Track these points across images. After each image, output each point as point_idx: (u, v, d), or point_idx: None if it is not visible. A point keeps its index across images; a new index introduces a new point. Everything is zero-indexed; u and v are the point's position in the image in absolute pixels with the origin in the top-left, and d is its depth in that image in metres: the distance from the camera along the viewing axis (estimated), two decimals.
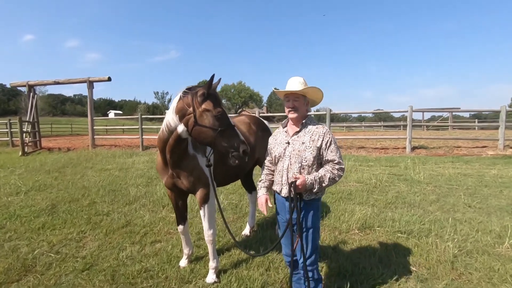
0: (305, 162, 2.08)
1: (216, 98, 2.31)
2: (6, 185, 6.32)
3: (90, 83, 12.97)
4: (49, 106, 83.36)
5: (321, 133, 2.11)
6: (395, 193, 5.49)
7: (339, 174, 2.06)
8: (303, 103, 2.18)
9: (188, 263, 3.03)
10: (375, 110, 16.26)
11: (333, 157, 2.07)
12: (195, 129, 2.27)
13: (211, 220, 2.74)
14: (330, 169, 2.05)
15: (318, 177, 2.02)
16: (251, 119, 3.75)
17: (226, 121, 2.27)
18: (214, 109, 2.24)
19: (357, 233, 3.81)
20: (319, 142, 2.09)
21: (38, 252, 3.31)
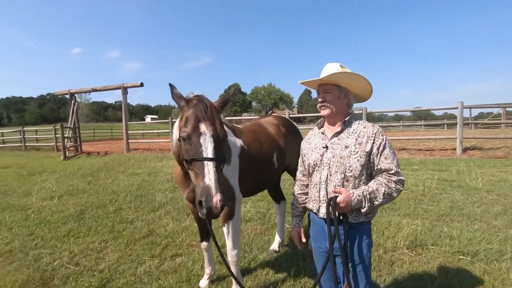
0: (350, 172, 1.59)
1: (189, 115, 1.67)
2: (42, 190, 6.54)
3: (124, 89, 13.42)
4: (93, 112, 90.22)
5: (371, 134, 1.60)
6: (448, 202, 4.71)
7: (397, 189, 1.54)
8: (338, 95, 1.69)
9: (208, 284, 2.70)
10: (416, 108, 14.89)
11: (389, 165, 1.56)
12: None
13: (235, 238, 2.39)
14: (384, 181, 1.55)
15: (368, 192, 1.52)
16: (280, 120, 3.33)
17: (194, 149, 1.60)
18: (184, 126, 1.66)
19: (407, 252, 3.21)
20: (368, 145, 1.59)
21: (58, 264, 3.19)
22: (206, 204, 1.47)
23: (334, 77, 1.63)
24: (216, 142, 1.62)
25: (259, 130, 2.93)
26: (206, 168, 1.54)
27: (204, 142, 1.60)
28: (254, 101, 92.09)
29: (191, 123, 1.63)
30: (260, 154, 2.67)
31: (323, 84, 1.70)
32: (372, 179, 1.62)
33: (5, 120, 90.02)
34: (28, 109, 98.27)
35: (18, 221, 4.63)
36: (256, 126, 3.00)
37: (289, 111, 44.29)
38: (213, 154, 1.58)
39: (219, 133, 1.66)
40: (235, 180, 2.35)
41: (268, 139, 2.88)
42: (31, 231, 4.16)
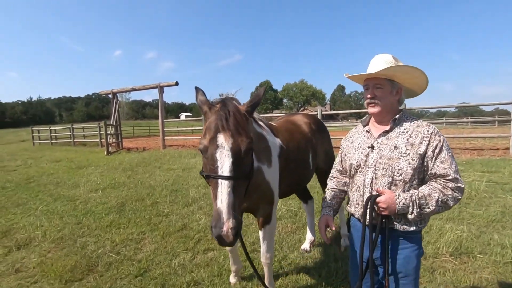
0: (399, 175, 1.44)
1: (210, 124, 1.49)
2: (88, 182, 7.09)
3: (161, 88, 14.02)
4: (133, 111, 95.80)
5: (425, 134, 1.44)
6: (500, 207, 4.29)
7: (454, 197, 1.37)
8: (390, 91, 1.53)
9: (238, 280, 2.73)
10: (461, 103, 13.72)
11: (446, 170, 1.38)
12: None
13: (271, 242, 2.34)
14: (439, 187, 1.37)
15: (419, 197, 1.37)
16: (311, 118, 3.25)
17: (209, 164, 1.44)
18: (202, 136, 1.50)
19: (450, 260, 2.98)
20: (422, 147, 1.42)
21: (101, 252, 3.44)
22: (216, 232, 1.28)
23: (392, 71, 1.48)
24: (235, 156, 1.41)
25: (294, 128, 2.83)
26: (220, 188, 1.34)
27: (221, 156, 1.40)
28: (285, 98, 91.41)
29: (209, 134, 1.45)
30: (297, 154, 2.57)
31: (373, 78, 1.55)
32: (423, 184, 1.46)
33: (57, 118, 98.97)
34: (76, 108, 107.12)
35: (68, 210, 5.07)
36: (291, 125, 2.88)
37: (321, 108, 43.37)
38: (230, 171, 1.37)
39: (241, 145, 1.43)
40: (275, 183, 2.22)
41: (303, 138, 2.79)
42: (78, 220, 4.53)
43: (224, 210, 1.29)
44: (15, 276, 3.02)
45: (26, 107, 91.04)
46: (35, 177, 8.17)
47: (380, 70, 1.48)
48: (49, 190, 6.64)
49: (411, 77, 1.54)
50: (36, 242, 3.80)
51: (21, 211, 5.14)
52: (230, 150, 1.40)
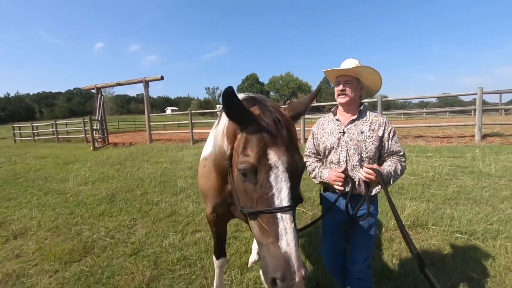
0: (366, 153, 1.85)
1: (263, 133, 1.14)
2: (78, 176, 7.25)
3: (146, 82, 14.04)
4: (117, 105, 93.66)
5: (381, 122, 1.91)
6: (457, 187, 4.82)
7: (405, 166, 1.90)
8: (356, 87, 1.94)
9: None
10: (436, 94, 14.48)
11: (398, 148, 1.91)
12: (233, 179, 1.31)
13: None
14: (397, 161, 1.88)
15: (393, 170, 1.82)
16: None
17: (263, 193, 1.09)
18: (240, 153, 1.17)
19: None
20: (380, 131, 1.89)
21: (96, 237, 3.72)
22: (285, 284, 0.97)
23: (360, 70, 1.90)
24: (293, 179, 1.13)
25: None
26: (282, 224, 1.04)
27: (277, 181, 1.09)
28: (272, 90, 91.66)
29: (256, 149, 1.11)
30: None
31: (344, 75, 1.94)
32: (379, 160, 1.93)
33: (38, 115, 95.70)
34: (57, 104, 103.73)
35: (60, 203, 5.27)
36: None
37: None
38: (290, 200, 1.08)
39: (298, 164, 1.16)
40: None
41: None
42: (71, 211, 4.76)
43: (293, 255, 0.99)
44: (16, 260, 3.27)
45: (3, 104, 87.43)
46: (22, 173, 8.22)
47: (353, 67, 1.90)
48: (38, 185, 6.77)
49: (372, 79, 1.97)
50: (32, 232, 4.02)
51: (12, 205, 5.30)
52: (287, 171, 1.10)
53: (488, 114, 25.34)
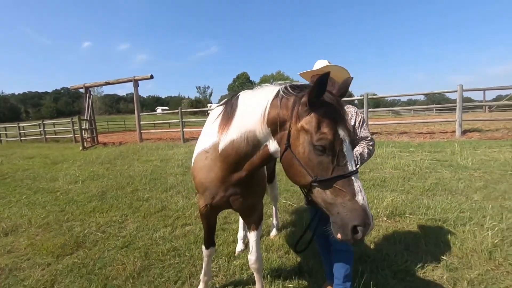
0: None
1: (328, 114, 1.32)
2: (67, 175, 7.26)
3: (136, 81, 14.02)
4: (106, 105, 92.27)
5: (353, 113, 2.19)
6: (435, 179, 5.08)
7: (373, 149, 2.21)
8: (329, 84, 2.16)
9: None
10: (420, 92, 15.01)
11: (366, 134, 2.20)
12: (286, 156, 1.42)
13: (259, 242, 2.23)
14: (365, 145, 2.19)
15: (359, 153, 2.13)
16: None
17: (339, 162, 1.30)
18: (315, 132, 1.30)
19: (385, 220, 3.66)
20: (352, 121, 2.18)
21: (88, 231, 3.80)
22: (365, 230, 1.23)
23: (333, 69, 2.14)
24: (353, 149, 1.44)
25: None
26: (356, 184, 1.27)
27: (347, 152, 1.31)
28: None
29: (331, 127, 1.29)
30: None
31: (317, 75, 2.18)
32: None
33: (23, 115, 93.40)
34: (44, 104, 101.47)
35: (50, 201, 5.30)
36: None
37: None
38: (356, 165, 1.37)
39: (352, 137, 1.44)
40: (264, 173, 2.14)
41: None
42: (62, 208, 4.82)
43: (367, 206, 1.25)
44: (7, 255, 3.33)
45: None
46: (10, 173, 8.16)
47: (320, 68, 2.19)
48: (27, 184, 6.75)
49: (341, 74, 2.18)
50: (23, 229, 4.07)
51: (1, 203, 5.31)
52: (350, 143, 1.35)
53: (474, 111, 26.24)
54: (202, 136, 2.01)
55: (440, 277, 2.50)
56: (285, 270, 2.73)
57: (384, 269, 2.65)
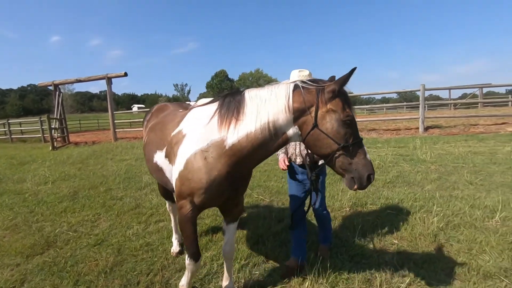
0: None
1: (347, 98, 1.73)
2: (36, 176, 7.02)
3: (109, 79, 13.64)
4: (78, 103, 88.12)
5: None
6: (396, 173, 5.49)
7: None
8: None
9: None
10: (386, 91, 15.89)
11: None
12: (312, 134, 1.71)
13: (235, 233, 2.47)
14: None
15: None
16: None
17: (355, 132, 1.70)
18: (342, 112, 1.66)
19: (348, 210, 3.95)
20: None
21: (59, 231, 3.79)
22: (373, 177, 1.68)
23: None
24: None
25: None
26: (364, 148, 1.70)
27: (356, 125, 1.74)
28: (241, 87, 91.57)
29: (350, 108, 1.70)
30: None
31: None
32: None
33: None
34: (8, 101, 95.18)
35: (18, 202, 5.15)
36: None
37: None
38: None
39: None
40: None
41: None
42: (31, 210, 4.72)
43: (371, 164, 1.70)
44: None
45: None
46: None
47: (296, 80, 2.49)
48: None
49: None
50: None
51: None
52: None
53: (441, 109, 27.89)
54: (192, 136, 1.97)
55: (391, 259, 2.79)
56: (254, 259, 2.91)
57: (342, 254, 2.91)
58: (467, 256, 2.75)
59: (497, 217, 3.42)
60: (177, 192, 2.02)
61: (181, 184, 1.97)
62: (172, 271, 2.76)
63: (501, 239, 2.98)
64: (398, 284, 2.40)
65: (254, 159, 1.89)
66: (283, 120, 1.73)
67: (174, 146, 2.09)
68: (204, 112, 2.01)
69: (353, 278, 2.50)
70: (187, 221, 2.02)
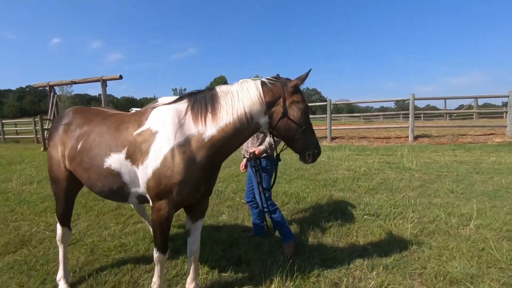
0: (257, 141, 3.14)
1: (303, 93, 2.12)
2: (22, 176, 6.99)
3: (104, 81, 13.71)
4: (75, 105, 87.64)
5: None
6: (380, 180, 5.52)
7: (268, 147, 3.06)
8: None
9: None
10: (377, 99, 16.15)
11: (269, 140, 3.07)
12: (282, 122, 2.03)
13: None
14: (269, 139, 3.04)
15: (270, 144, 3.02)
16: None
17: (309, 119, 2.11)
18: (302, 103, 2.06)
19: (326, 215, 3.96)
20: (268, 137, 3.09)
21: (35, 230, 3.77)
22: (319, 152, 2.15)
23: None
24: None
25: None
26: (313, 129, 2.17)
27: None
28: None
29: (306, 100, 2.14)
30: None
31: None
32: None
33: None
34: (6, 102, 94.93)
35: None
36: None
37: None
38: None
39: None
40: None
41: None
42: (11, 209, 4.69)
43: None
44: None
45: None
46: None
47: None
48: None
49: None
50: None
51: None
52: None
53: (438, 119, 28.14)
54: (165, 133, 2.00)
55: (361, 264, 2.79)
56: (226, 261, 2.90)
57: (314, 258, 2.91)
58: (436, 262, 2.76)
59: (471, 224, 3.44)
60: (154, 192, 2.01)
61: (158, 183, 1.97)
62: (141, 271, 2.74)
63: (472, 246, 3.00)
64: None
65: (230, 148, 2.09)
66: (257, 111, 2.00)
67: (141, 145, 2.05)
68: (172, 111, 2.06)
69: (320, 282, 2.50)
70: (165, 221, 2.05)
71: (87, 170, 2.24)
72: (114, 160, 2.12)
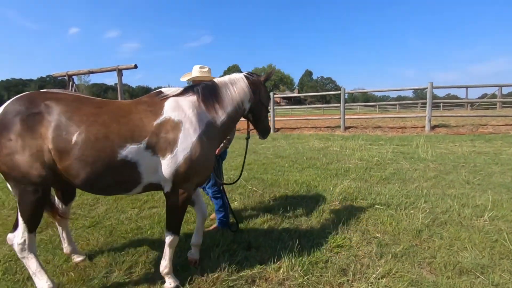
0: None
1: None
2: None
3: (119, 70, 13.94)
4: (93, 94, 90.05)
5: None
6: (393, 170, 5.46)
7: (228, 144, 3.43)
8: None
9: None
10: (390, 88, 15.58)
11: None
12: (257, 106, 2.65)
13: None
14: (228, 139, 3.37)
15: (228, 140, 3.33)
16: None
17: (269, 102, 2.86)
18: (266, 92, 2.74)
19: (337, 204, 3.98)
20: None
21: None
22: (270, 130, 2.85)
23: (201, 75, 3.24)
24: None
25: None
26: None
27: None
28: None
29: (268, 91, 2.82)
30: None
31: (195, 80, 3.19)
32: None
33: None
34: (28, 91, 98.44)
35: None
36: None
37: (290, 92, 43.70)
38: None
39: None
40: None
41: None
42: None
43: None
44: None
45: None
46: None
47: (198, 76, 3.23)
48: None
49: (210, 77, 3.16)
50: None
51: None
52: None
53: (459, 108, 27.07)
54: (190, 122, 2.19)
55: (370, 251, 2.82)
56: (237, 245, 3.00)
57: (323, 244, 2.96)
58: (447, 252, 2.75)
59: (486, 216, 3.38)
60: (182, 177, 2.18)
61: (188, 168, 2.16)
62: (156, 253, 2.88)
63: (485, 237, 2.97)
64: (371, 275, 2.44)
65: (230, 130, 2.69)
66: (247, 99, 2.55)
67: (167, 134, 2.11)
68: (187, 102, 2.28)
69: (328, 268, 2.56)
70: (187, 202, 2.34)
71: (91, 164, 2.01)
72: (131, 151, 2.05)
